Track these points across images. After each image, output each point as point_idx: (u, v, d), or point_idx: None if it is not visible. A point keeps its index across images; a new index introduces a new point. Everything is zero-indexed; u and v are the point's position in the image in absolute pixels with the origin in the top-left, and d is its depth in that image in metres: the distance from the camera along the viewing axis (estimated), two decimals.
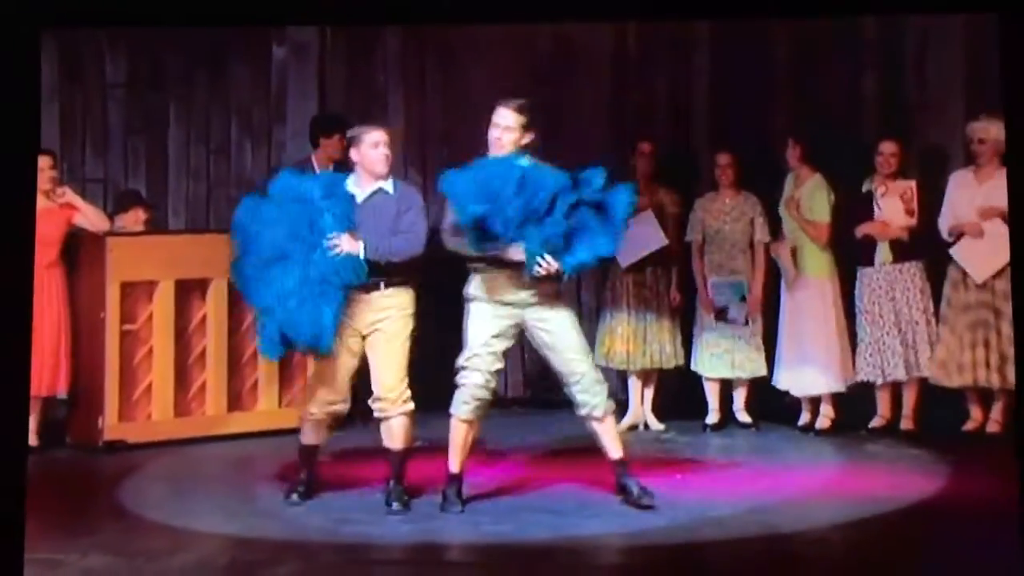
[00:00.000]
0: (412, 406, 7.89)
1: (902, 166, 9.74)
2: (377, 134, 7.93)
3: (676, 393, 10.24)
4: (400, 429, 7.87)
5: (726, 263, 9.95)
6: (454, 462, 7.82)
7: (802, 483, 8.49)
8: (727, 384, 10.07)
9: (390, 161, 7.96)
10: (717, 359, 9.94)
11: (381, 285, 7.85)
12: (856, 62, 10.58)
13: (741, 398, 10.06)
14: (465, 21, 9.57)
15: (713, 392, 10.04)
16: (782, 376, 9.83)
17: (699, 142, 10.80)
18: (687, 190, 10.20)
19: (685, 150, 10.77)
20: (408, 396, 7.87)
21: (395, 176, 8.09)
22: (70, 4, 6.51)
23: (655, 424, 9.96)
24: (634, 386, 10.03)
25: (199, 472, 8.92)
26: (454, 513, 7.74)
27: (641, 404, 9.99)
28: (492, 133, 7.75)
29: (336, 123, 9.77)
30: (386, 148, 7.91)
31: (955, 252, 9.51)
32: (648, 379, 10.02)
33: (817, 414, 9.78)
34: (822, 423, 9.75)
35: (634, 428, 9.89)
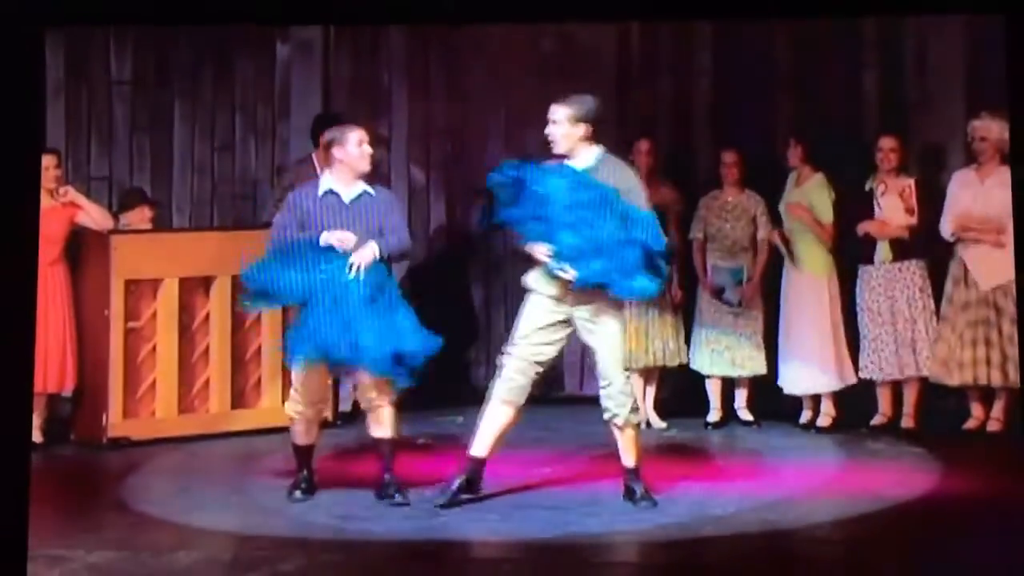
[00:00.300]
0: (397, 395, 7.96)
1: (902, 163, 9.74)
2: (360, 132, 7.96)
3: (678, 391, 10.25)
4: (389, 418, 7.93)
5: (728, 260, 9.97)
6: (479, 445, 7.86)
7: (803, 481, 8.50)
8: (729, 382, 10.07)
9: (374, 159, 8.03)
10: (718, 356, 9.94)
11: None
12: (857, 61, 10.59)
13: (743, 396, 10.07)
14: (469, 20, 9.59)
15: (715, 390, 10.05)
16: (780, 374, 9.83)
17: (701, 140, 10.81)
18: (689, 188, 10.21)
19: (687, 148, 10.78)
20: (395, 386, 7.94)
21: (395, 172, 8.11)
22: (75, 1, 6.52)
23: (657, 422, 9.96)
24: (636, 384, 10.03)
25: (203, 469, 8.92)
26: (467, 498, 7.79)
27: (643, 402, 10.00)
28: (546, 130, 7.80)
29: (339, 123, 9.75)
30: (368, 146, 7.95)
31: (966, 255, 9.50)
32: (650, 377, 10.02)
33: (818, 412, 9.79)
34: (823, 421, 9.76)
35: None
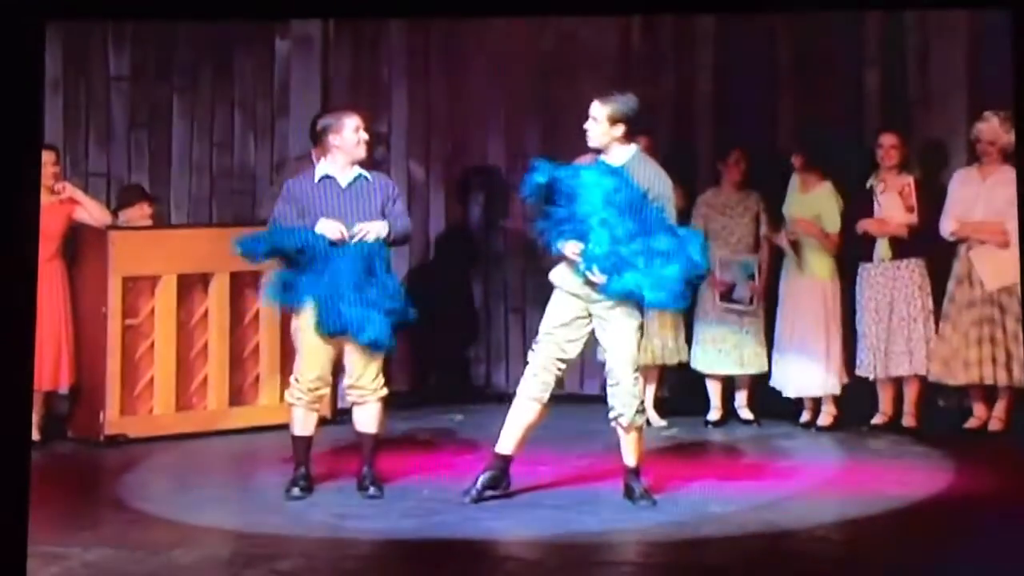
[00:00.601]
0: (386, 391, 8.03)
1: (903, 160, 9.71)
2: (356, 119, 8.03)
3: (678, 389, 10.23)
4: (376, 414, 7.99)
5: (737, 254, 9.94)
6: (505, 442, 7.91)
7: (804, 480, 8.49)
8: (729, 381, 10.04)
9: (370, 146, 8.12)
10: (725, 355, 9.89)
11: None
12: (858, 57, 10.56)
13: (743, 395, 10.05)
14: (469, 15, 9.57)
15: (715, 389, 10.03)
16: (777, 376, 9.80)
17: (702, 137, 10.79)
18: (689, 185, 10.18)
19: (688, 145, 10.76)
20: (383, 383, 8.00)
21: (394, 168, 8.14)
22: None
23: (657, 421, 9.93)
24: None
25: (201, 466, 8.91)
26: (495, 495, 7.83)
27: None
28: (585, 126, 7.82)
29: None
30: (365, 132, 8.03)
31: (971, 255, 9.46)
32: (650, 375, 9.99)
33: (819, 411, 9.76)
34: (824, 420, 9.73)
35: None
